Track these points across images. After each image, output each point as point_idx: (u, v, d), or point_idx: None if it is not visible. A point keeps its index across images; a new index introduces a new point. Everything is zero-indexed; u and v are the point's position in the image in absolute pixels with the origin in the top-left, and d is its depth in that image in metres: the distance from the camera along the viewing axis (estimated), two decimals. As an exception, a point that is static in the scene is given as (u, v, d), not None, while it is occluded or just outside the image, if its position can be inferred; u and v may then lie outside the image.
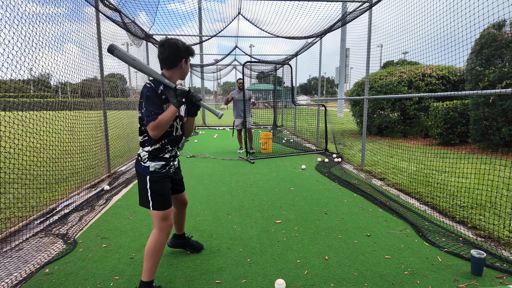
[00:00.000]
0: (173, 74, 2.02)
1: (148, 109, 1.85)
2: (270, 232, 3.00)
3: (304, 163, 6.16)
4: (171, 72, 2.01)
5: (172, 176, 2.15)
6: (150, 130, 1.86)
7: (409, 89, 9.27)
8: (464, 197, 3.73)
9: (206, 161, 6.58)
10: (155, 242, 1.97)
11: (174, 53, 1.96)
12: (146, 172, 1.98)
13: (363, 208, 3.61)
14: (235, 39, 10.53)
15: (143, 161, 1.98)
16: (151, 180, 1.98)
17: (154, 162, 1.99)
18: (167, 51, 1.95)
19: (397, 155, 6.08)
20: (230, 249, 2.65)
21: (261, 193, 4.23)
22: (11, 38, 2.79)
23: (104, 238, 2.86)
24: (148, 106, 1.85)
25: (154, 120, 1.85)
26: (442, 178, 4.63)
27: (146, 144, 1.99)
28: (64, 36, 3.98)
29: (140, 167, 2.00)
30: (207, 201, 3.90)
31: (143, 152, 1.99)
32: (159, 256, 2.00)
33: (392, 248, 2.66)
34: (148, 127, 1.85)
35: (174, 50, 1.96)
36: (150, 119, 1.84)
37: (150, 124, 1.84)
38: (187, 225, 3.14)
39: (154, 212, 1.99)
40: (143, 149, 2.00)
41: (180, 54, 1.99)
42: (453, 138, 7.63)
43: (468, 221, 3.13)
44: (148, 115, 1.84)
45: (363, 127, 5.73)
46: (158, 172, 2.01)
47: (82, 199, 3.98)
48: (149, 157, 1.98)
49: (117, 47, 1.90)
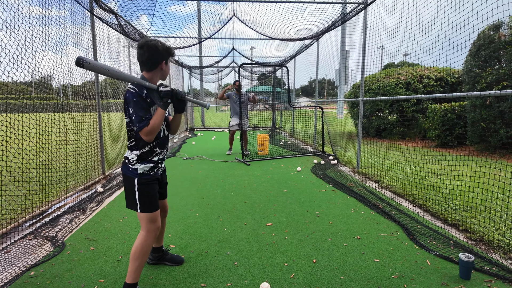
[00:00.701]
0: (154, 75, 2.01)
1: (138, 115, 1.85)
2: (260, 234, 2.98)
3: (300, 165, 6.14)
4: (151, 74, 2.00)
5: (160, 178, 2.14)
6: (144, 135, 1.87)
7: (407, 91, 9.25)
8: (457, 200, 3.70)
9: (202, 163, 6.57)
10: (142, 244, 1.96)
11: (153, 55, 1.95)
12: (135, 175, 1.97)
13: (355, 211, 3.59)
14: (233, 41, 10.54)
15: (132, 163, 1.98)
16: (139, 182, 1.97)
17: (143, 164, 1.99)
18: (147, 53, 1.94)
19: (394, 157, 6.05)
20: (218, 252, 2.63)
21: (254, 195, 4.21)
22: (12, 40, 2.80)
23: (93, 241, 2.85)
24: (137, 112, 1.86)
25: (147, 126, 1.86)
26: (437, 180, 4.60)
27: (134, 148, 1.99)
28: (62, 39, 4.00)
29: (128, 169, 1.99)
30: (199, 204, 3.89)
31: (131, 155, 1.98)
32: (145, 258, 1.99)
33: (382, 251, 2.64)
34: (142, 133, 1.87)
35: (154, 52, 1.94)
36: (143, 125, 1.85)
37: (143, 130, 1.86)
38: (176, 228, 3.13)
39: (142, 215, 1.98)
40: (131, 152, 1.99)
41: (160, 56, 1.97)
42: (450, 140, 7.60)
43: (460, 224, 3.10)
44: (140, 121, 1.85)
45: (358, 129, 5.71)
46: (146, 175, 2.00)
47: (75, 201, 3.97)
48: (138, 159, 1.98)
49: (85, 59, 1.72)
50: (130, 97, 1.87)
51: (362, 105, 5.68)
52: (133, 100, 1.86)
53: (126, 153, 2.02)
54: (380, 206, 3.70)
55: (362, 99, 5.58)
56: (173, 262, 2.43)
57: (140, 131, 1.86)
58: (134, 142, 1.98)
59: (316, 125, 8.79)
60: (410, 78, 9.35)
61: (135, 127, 1.88)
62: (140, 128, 1.85)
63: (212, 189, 4.53)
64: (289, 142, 9.69)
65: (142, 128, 1.85)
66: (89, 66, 1.73)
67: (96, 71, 1.77)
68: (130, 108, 1.88)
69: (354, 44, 6.16)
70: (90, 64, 1.74)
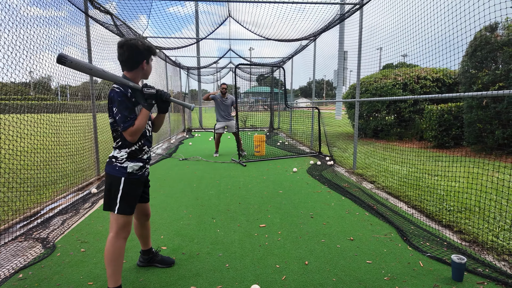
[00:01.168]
0: (135, 75, 1.99)
1: (124, 115, 1.84)
2: (253, 236, 2.96)
3: (296, 166, 6.12)
4: (133, 74, 1.98)
5: (145, 180, 2.12)
6: (129, 135, 1.86)
7: (404, 92, 9.24)
8: (452, 201, 3.69)
9: (198, 164, 6.55)
10: (113, 248, 1.91)
11: (134, 54, 1.92)
12: (122, 173, 1.94)
13: (350, 212, 3.57)
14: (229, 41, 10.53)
15: (120, 161, 1.94)
16: (125, 182, 1.94)
17: (132, 162, 1.96)
18: (127, 53, 1.91)
19: (390, 158, 6.04)
20: (210, 254, 2.61)
21: (249, 196, 4.19)
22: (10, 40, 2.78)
23: (84, 242, 2.83)
24: (123, 112, 1.84)
25: (132, 126, 1.85)
26: (433, 181, 4.59)
27: (122, 147, 1.96)
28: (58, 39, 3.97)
29: (114, 168, 1.95)
30: (193, 205, 3.86)
31: (121, 153, 1.95)
32: (119, 261, 1.94)
33: (375, 252, 2.62)
34: (126, 133, 1.85)
35: (134, 51, 1.92)
36: (128, 125, 1.84)
37: (128, 130, 1.84)
38: (169, 230, 3.11)
39: (117, 216, 1.93)
40: (120, 150, 1.96)
41: (141, 55, 1.95)
42: (447, 141, 7.59)
43: (454, 225, 3.09)
44: (125, 121, 1.83)
45: (355, 130, 5.70)
46: (135, 174, 1.98)
47: (68, 203, 3.95)
48: (128, 157, 1.95)
49: (68, 57, 1.66)
50: (115, 96, 1.85)
51: (358, 106, 5.67)
52: (118, 100, 1.84)
53: (113, 153, 1.98)
54: (375, 207, 3.68)
55: (358, 100, 5.57)
56: (164, 264, 2.40)
57: (125, 131, 1.85)
58: (120, 141, 1.96)
59: (313, 126, 8.78)
60: (407, 79, 9.35)
61: (119, 127, 1.86)
62: (125, 128, 1.84)
63: (207, 190, 4.51)
64: (286, 143, 9.67)
65: (127, 128, 1.84)
66: (71, 64, 1.68)
67: (78, 69, 1.72)
68: (115, 108, 1.85)
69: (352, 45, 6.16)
70: (73, 62, 1.68)
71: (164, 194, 4.35)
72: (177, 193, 4.39)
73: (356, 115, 5.66)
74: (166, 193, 4.39)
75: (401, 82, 9.36)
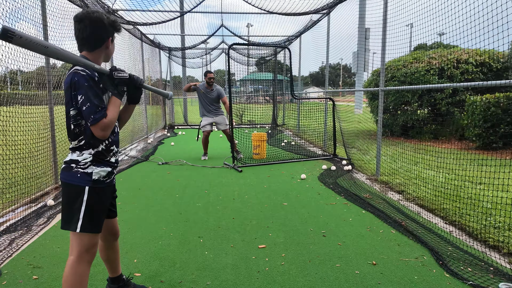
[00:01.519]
0: (97, 56, 1.98)
1: (94, 104, 1.80)
2: (250, 259, 2.97)
3: (305, 172, 6.14)
4: (94, 55, 1.97)
5: (112, 190, 2.11)
6: (100, 130, 1.83)
7: (441, 79, 9.26)
8: (501, 216, 3.70)
9: (182, 169, 6.56)
10: (74, 274, 1.89)
11: (98, 31, 1.92)
12: (86, 182, 1.91)
13: (372, 229, 3.59)
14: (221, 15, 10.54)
15: (83, 166, 1.91)
16: (90, 191, 1.91)
17: (99, 167, 1.94)
18: (89, 29, 1.89)
19: (423, 162, 6.05)
20: (196, 282, 2.61)
21: (245, 210, 4.21)
22: None
23: (37, 268, 2.82)
24: (92, 100, 1.81)
25: (105, 117, 1.83)
26: (476, 191, 4.60)
27: (85, 147, 1.93)
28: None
29: (75, 176, 1.92)
30: (175, 221, 3.87)
31: (83, 156, 1.91)
32: None
33: (403, 280, 2.63)
34: (97, 127, 1.82)
35: (98, 27, 1.91)
36: (99, 117, 1.80)
37: (100, 123, 1.81)
38: (144, 252, 3.11)
39: (80, 236, 1.91)
40: (81, 152, 1.93)
41: (106, 32, 1.95)
42: (495, 141, 7.61)
43: (503, 246, 3.10)
44: (95, 112, 1.80)
45: (378, 127, 5.72)
46: (101, 182, 1.96)
47: (18, 218, 3.94)
48: (93, 161, 1.93)
49: (15, 31, 1.54)
50: (81, 80, 1.81)
51: (383, 96, 5.68)
52: (85, 85, 1.81)
53: (72, 156, 1.94)
54: (403, 223, 3.70)
55: (383, 89, 5.58)
56: None
57: (95, 125, 1.81)
58: (84, 140, 1.92)
59: (327, 121, 8.80)
60: (445, 63, 9.37)
61: (88, 120, 1.83)
62: (95, 121, 1.80)
63: (193, 202, 4.52)
64: (293, 143, 9.72)
65: (98, 121, 1.80)
66: (20, 41, 1.59)
67: (31, 48, 1.67)
68: (80, 96, 1.81)
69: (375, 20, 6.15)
70: (22, 37, 1.59)
71: (139, 207, 4.34)
72: (155, 205, 4.39)
73: (380, 108, 5.67)
74: (141, 205, 4.38)
75: (436, 67, 9.38)
